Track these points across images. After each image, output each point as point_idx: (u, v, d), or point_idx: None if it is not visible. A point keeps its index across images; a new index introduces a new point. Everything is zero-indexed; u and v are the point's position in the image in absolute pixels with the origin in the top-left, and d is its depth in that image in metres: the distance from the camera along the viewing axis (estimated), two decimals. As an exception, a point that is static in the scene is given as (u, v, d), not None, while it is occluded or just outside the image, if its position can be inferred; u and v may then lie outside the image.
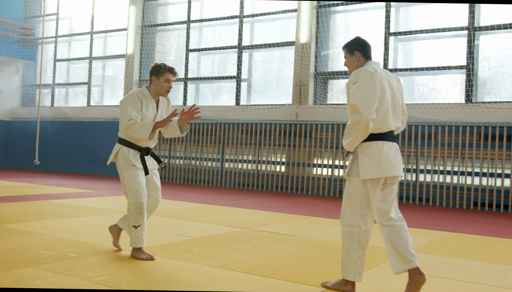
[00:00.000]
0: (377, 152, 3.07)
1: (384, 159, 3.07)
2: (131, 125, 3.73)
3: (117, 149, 3.86)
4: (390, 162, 3.08)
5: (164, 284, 3.11)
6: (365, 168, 3.05)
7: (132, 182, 3.75)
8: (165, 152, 12.27)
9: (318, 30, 10.51)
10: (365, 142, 3.09)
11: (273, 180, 10.67)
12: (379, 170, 3.05)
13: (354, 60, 3.24)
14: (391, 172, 3.08)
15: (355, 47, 3.24)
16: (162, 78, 3.86)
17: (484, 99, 9.03)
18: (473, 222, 6.87)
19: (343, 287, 3.10)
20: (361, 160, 3.08)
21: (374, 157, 3.06)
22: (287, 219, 6.28)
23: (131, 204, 3.74)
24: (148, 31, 13.12)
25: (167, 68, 3.89)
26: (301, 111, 10.42)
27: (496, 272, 3.83)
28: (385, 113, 3.10)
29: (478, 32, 9.04)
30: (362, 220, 3.07)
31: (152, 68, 3.92)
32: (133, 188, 3.75)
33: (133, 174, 3.76)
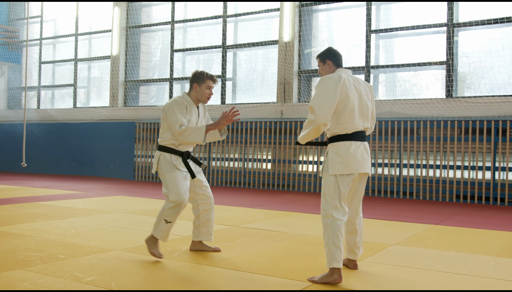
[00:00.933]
0: (345, 150, 3.39)
1: (351, 157, 3.38)
2: (184, 131, 3.82)
3: (158, 155, 3.95)
4: (357, 160, 3.40)
5: (152, 283, 3.19)
6: (334, 165, 3.38)
7: (174, 181, 3.83)
8: (152, 152, 12.30)
9: (301, 29, 10.62)
10: (335, 143, 3.43)
11: (259, 177, 10.77)
12: (347, 166, 3.37)
13: (326, 68, 3.58)
14: (357, 169, 3.39)
15: (327, 56, 3.57)
16: (203, 85, 3.95)
17: (464, 94, 9.21)
18: (456, 214, 7.03)
19: (330, 278, 3.26)
20: (330, 157, 3.41)
21: (342, 155, 3.38)
22: (274, 216, 6.38)
23: (171, 202, 3.81)
24: (133, 32, 13.13)
25: (208, 75, 3.98)
26: (285, 109, 10.52)
27: (478, 262, 3.96)
28: (350, 115, 3.40)
29: (457, 28, 9.21)
30: (334, 210, 3.35)
31: (193, 76, 4.00)
32: (175, 187, 3.82)
33: (175, 175, 3.85)
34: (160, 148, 3.97)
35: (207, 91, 3.97)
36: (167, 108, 3.93)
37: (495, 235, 5.29)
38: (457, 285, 3.30)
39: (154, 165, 3.98)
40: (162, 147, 3.96)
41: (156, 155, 3.98)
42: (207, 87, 3.96)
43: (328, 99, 3.31)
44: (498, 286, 3.29)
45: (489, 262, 3.96)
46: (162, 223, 3.85)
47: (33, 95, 15.03)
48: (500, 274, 3.61)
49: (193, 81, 3.98)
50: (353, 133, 3.42)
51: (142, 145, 12.46)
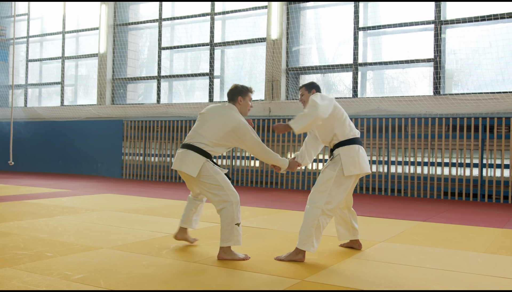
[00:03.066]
0: (355, 153, 3.87)
1: (361, 159, 3.88)
2: (268, 151, 3.95)
3: (202, 161, 3.80)
4: (365, 162, 3.91)
5: (141, 281, 3.17)
6: (348, 166, 3.81)
7: (227, 182, 3.84)
8: (140, 150, 12.25)
9: (289, 26, 10.63)
10: (346, 146, 3.88)
11: (248, 175, 10.77)
12: (359, 168, 3.84)
13: (311, 95, 4.05)
14: (366, 169, 3.89)
15: (312, 87, 4.19)
16: (247, 98, 4.02)
17: (451, 91, 9.28)
18: (444, 211, 7.09)
19: (295, 257, 3.71)
20: (344, 160, 3.83)
21: (354, 158, 3.84)
22: (263, 213, 6.38)
23: (235, 202, 3.78)
24: (120, 30, 13.04)
25: (250, 89, 4.08)
26: (273, 107, 10.53)
27: (466, 259, 3.99)
28: (350, 122, 3.99)
29: (444, 26, 9.28)
30: (327, 205, 3.76)
31: (237, 89, 4.00)
32: (230, 187, 3.83)
33: (224, 176, 3.88)
34: (202, 153, 3.82)
35: (250, 104, 4.06)
36: (240, 125, 3.86)
37: (483, 231, 5.33)
38: (444, 281, 3.32)
39: (195, 169, 3.78)
40: (205, 152, 3.83)
41: (199, 159, 3.80)
42: (250, 100, 4.04)
43: (328, 100, 3.81)
44: (485, 282, 3.32)
45: (477, 259, 4.00)
46: (235, 229, 3.77)
47: (20, 94, 14.87)
48: (488, 270, 3.64)
49: (238, 94, 3.99)
50: (357, 138, 3.96)
51: (130, 143, 12.40)
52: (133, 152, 12.35)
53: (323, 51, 10.87)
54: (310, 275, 3.38)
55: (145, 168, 12.15)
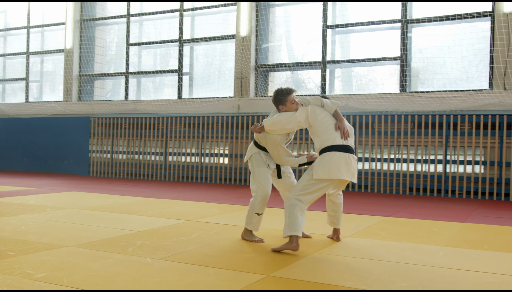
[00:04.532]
0: (328, 160, 4.02)
1: (333, 165, 3.99)
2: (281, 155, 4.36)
3: (254, 151, 4.44)
4: (339, 168, 4.00)
5: (106, 279, 3.14)
6: (317, 171, 4.01)
7: (263, 176, 4.34)
8: (107, 147, 12.08)
9: (258, 24, 10.65)
10: (323, 153, 4.07)
11: (216, 172, 10.76)
12: (328, 173, 3.99)
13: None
14: (337, 176, 4.00)
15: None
16: (288, 103, 4.26)
17: (417, 89, 9.47)
18: (409, 206, 7.23)
19: (289, 245, 3.88)
20: (315, 165, 4.06)
21: (325, 164, 4.01)
22: (231, 210, 6.39)
23: (259, 195, 4.31)
24: (87, 25, 12.82)
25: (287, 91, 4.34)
26: (242, 104, 10.54)
27: (428, 252, 4.09)
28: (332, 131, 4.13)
29: (410, 25, 9.45)
30: (299, 196, 4.01)
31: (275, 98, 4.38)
32: (263, 181, 4.33)
33: (264, 170, 4.36)
34: (258, 146, 4.44)
35: (293, 106, 4.27)
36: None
37: (445, 226, 5.47)
38: (406, 274, 3.40)
39: (246, 157, 4.52)
40: (261, 146, 4.41)
41: (252, 149, 4.46)
42: (292, 102, 4.26)
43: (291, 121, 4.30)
44: (445, 274, 3.41)
45: (438, 252, 4.10)
46: (255, 217, 4.34)
47: (-18, 89, 14.47)
48: (448, 263, 3.74)
49: (278, 104, 4.33)
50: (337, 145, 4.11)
51: (97, 140, 12.21)
52: (101, 149, 12.17)
53: (292, 49, 10.93)
54: (276, 270, 3.41)
55: (113, 166, 11.99)
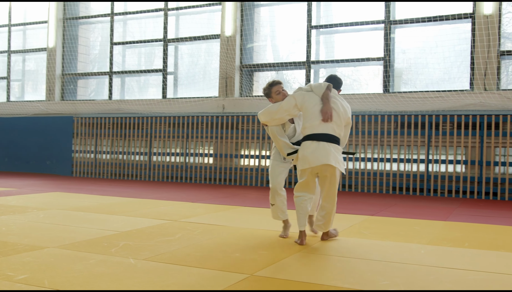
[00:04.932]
0: (305, 149, 4.18)
1: (311, 154, 4.13)
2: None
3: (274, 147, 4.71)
4: (316, 157, 4.10)
5: (88, 280, 3.11)
6: (299, 162, 4.24)
7: (272, 169, 4.60)
8: (91, 147, 11.98)
9: (243, 23, 10.65)
10: (302, 143, 4.26)
11: (201, 172, 10.74)
12: (308, 162, 4.15)
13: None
14: (315, 163, 4.11)
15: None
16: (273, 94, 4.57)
17: (400, 89, 9.56)
18: (392, 205, 7.29)
19: (298, 239, 4.30)
20: (298, 156, 4.27)
21: (304, 154, 4.18)
22: (215, 210, 6.38)
23: (271, 188, 4.57)
24: (70, 24, 12.69)
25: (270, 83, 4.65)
26: (227, 104, 10.53)
27: (410, 250, 4.13)
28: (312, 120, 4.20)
29: (393, 26, 9.54)
30: (298, 192, 4.33)
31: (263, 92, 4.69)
32: (272, 174, 4.59)
33: (275, 164, 4.61)
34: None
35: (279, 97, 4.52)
36: None
37: (427, 224, 5.53)
38: (389, 272, 3.43)
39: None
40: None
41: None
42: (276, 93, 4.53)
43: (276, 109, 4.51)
44: (427, 272, 3.45)
45: (420, 250, 4.14)
46: (272, 207, 4.62)
47: (-38, 88, 14.24)
48: (430, 260, 3.79)
49: (267, 97, 4.62)
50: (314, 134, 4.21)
51: (80, 140, 12.10)
52: (84, 149, 12.06)
53: (277, 49, 10.96)
54: (260, 269, 3.42)
55: (96, 166, 11.89)
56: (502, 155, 8.43)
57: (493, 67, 8.60)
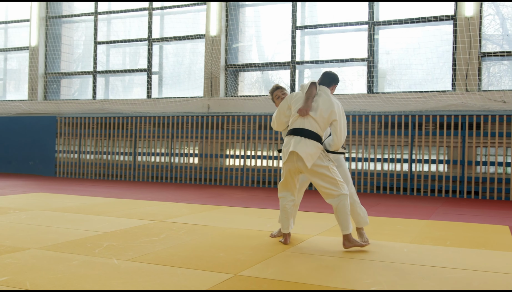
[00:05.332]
0: (285, 145, 4.18)
1: (285, 148, 4.16)
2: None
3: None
4: (286, 149, 4.11)
5: (71, 281, 3.09)
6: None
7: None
8: (74, 147, 11.87)
9: (228, 24, 10.65)
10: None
11: (186, 172, 10.71)
12: (284, 157, 4.18)
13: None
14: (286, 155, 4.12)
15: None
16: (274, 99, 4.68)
17: (384, 90, 9.64)
18: (375, 204, 7.36)
19: (281, 239, 4.36)
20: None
21: (284, 149, 4.20)
22: (200, 210, 6.38)
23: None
24: (53, 23, 12.56)
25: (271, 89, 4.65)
26: (212, 104, 10.52)
27: (393, 249, 4.17)
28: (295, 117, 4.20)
29: (377, 27, 9.62)
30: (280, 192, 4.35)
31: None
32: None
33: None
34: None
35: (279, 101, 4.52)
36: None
37: (410, 223, 5.59)
38: (372, 271, 3.46)
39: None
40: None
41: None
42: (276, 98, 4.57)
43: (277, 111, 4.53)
44: (409, 270, 3.49)
45: (403, 249, 4.19)
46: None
47: None
48: (412, 259, 3.83)
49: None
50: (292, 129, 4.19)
51: (64, 140, 11.99)
52: (68, 149, 11.95)
53: (263, 49, 10.97)
54: (244, 269, 3.42)
55: (80, 166, 11.79)
56: (483, 155, 8.56)
57: (474, 68, 8.73)
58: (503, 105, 8.47)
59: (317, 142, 4.05)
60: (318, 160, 4.05)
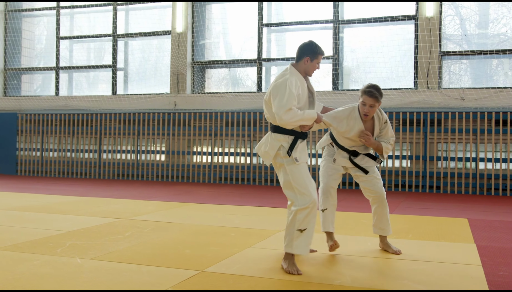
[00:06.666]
0: None
1: None
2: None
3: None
4: None
5: (31, 281, 3.03)
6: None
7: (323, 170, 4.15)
8: (36, 145, 11.59)
9: (194, 20, 10.58)
10: None
11: (153, 169, 10.61)
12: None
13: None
14: None
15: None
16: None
17: (349, 87, 9.78)
18: (340, 200, 7.45)
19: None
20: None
21: None
22: (167, 207, 6.34)
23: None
24: (13, 17, 12.21)
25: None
26: (179, 100, 10.45)
27: (358, 242, 4.25)
28: None
29: (342, 25, 9.74)
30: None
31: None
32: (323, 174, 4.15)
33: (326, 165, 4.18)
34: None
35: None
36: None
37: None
38: (336, 263, 3.52)
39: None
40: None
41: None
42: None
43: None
44: (372, 263, 3.57)
45: (367, 242, 4.28)
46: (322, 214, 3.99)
47: None
48: (376, 252, 3.92)
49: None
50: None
51: (25, 137, 11.69)
52: (29, 147, 11.66)
53: (230, 46, 10.96)
54: (210, 265, 3.43)
55: (43, 164, 11.52)
56: (444, 150, 8.79)
57: (435, 67, 8.95)
58: (462, 103, 8.72)
59: (277, 134, 3.43)
60: (277, 157, 3.45)
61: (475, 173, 8.63)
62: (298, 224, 3.32)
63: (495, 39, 9.25)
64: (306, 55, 3.52)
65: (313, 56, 3.52)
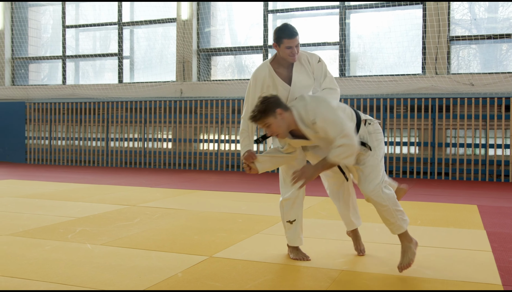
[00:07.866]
0: None
1: None
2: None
3: None
4: None
5: (43, 266, 3.06)
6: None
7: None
8: (45, 133, 11.65)
9: (199, 7, 10.53)
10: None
11: (160, 157, 10.65)
12: None
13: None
14: None
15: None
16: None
17: (356, 74, 9.72)
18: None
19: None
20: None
21: None
22: (174, 194, 6.36)
23: None
24: (19, 6, 12.21)
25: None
26: (185, 88, 10.45)
27: (366, 229, 4.22)
28: None
29: (348, 11, 9.66)
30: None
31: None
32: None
33: None
34: None
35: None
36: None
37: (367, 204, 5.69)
38: (344, 251, 3.53)
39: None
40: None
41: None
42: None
43: None
44: (381, 248, 3.57)
45: (375, 228, 4.28)
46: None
47: None
48: (384, 238, 3.92)
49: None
50: None
51: (34, 126, 11.74)
52: (38, 136, 11.72)
53: (235, 33, 10.91)
54: (218, 251, 3.45)
55: (51, 152, 11.59)
56: (453, 137, 8.74)
57: (443, 52, 8.87)
58: (472, 88, 8.65)
59: None
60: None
61: (484, 159, 8.58)
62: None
63: (505, 23, 9.14)
64: (273, 41, 3.28)
65: (278, 41, 3.22)
